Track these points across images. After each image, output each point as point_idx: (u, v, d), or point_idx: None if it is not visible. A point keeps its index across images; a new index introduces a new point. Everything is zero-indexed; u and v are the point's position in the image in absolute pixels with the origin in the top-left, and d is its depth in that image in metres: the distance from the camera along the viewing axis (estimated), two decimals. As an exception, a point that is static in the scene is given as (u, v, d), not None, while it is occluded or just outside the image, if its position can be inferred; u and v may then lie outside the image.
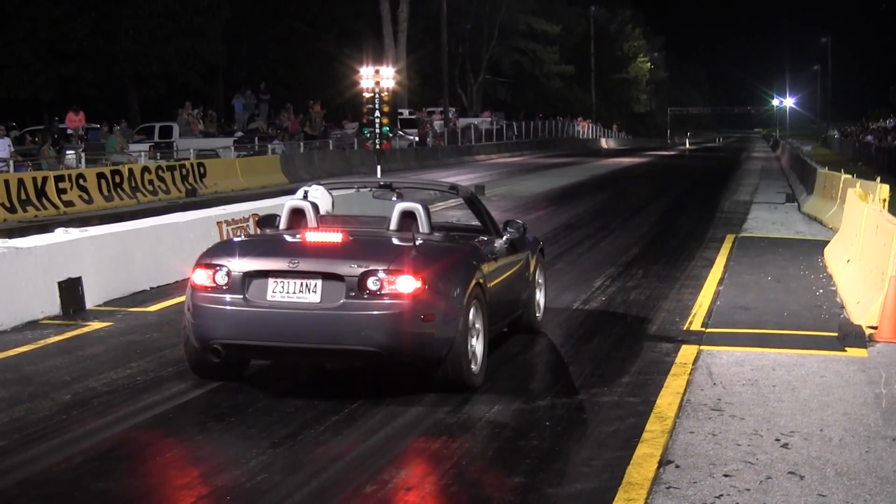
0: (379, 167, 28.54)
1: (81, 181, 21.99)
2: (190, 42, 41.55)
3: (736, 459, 5.49)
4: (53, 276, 9.50)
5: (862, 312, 8.80)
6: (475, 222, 8.60)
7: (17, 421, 6.27)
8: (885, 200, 13.07)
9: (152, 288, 10.82)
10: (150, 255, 11.01)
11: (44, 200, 20.77)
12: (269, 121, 38.64)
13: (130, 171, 23.81)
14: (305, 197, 7.93)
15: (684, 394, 6.75)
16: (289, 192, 19.98)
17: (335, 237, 6.74)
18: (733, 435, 5.90)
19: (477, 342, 6.89)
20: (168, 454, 5.70)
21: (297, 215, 7.43)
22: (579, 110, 78.00)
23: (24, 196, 20.28)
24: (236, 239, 7.58)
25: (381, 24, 49.16)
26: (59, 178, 21.41)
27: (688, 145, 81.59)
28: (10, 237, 11.27)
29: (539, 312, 8.78)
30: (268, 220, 7.69)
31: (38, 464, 5.54)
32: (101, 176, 22.72)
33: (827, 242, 13.80)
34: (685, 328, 8.97)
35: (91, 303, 9.87)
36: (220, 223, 12.52)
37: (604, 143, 75.27)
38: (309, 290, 6.44)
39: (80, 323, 9.18)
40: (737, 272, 12.12)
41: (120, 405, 6.58)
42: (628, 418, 6.24)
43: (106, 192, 22.57)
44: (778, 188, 27.10)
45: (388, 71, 29.11)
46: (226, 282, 6.57)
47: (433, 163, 40.24)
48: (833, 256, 12.36)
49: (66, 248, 9.85)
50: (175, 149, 30.83)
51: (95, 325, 9.13)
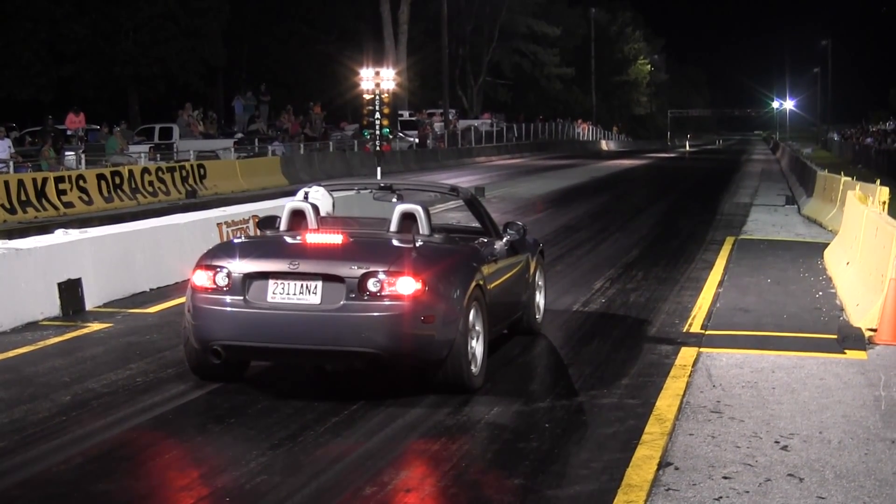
0: (379, 169, 28.56)
1: (81, 182, 22.00)
2: (190, 43, 41.60)
3: (735, 461, 5.49)
4: (53, 278, 9.51)
5: (861, 315, 8.80)
6: (475, 224, 8.61)
7: (16, 422, 6.28)
8: (884, 203, 13.06)
9: (152, 289, 10.83)
10: (150, 256, 11.01)
11: (44, 202, 20.78)
12: (269, 122, 38.65)
13: (130, 172, 23.83)
14: (306, 198, 7.90)
15: (684, 396, 6.76)
16: (289, 193, 20.00)
17: (335, 239, 6.75)
18: (733, 437, 5.90)
19: (477, 344, 6.90)
20: (168, 455, 5.71)
21: (297, 217, 7.43)
22: (579, 112, 78.01)
23: (24, 197, 20.29)
24: (236, 240, 7.58)
25: (382, 26, 49.18)
26: (59, 180, 21.42)
27: (688, 147, 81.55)
28: (9, 238, 11.26)
29: (539, 314, 8.79)
30: (268, 222, 7.69)
31: (38, 465, 5.55)
32: (101, 177, 22.72)
33: (827, 245, 13.81)
34: (685, 330, 8.97)
35: (91, 304, 9.87)
36: (219, 225, 12.52)
37: (604, 145, 75.26)
38: (309, 291, 6.46)
39: (80, 324, 9.19)
40: (736, 274, 12.12)
41: (119, 406, 6.59)
42: (628, 420, 6.24)
43: (106, 194, 22.58)
44: (778, 190, 27.11)
45: (389, 72, 29.15)
46: (226, 283, 6.59)
47: (433, 164, 40.24)
48: (833, 259, 12.36)
49: (66, 249, 9.86)
50: (175, 150, 30.86)
51: (95, 326, 9.13)
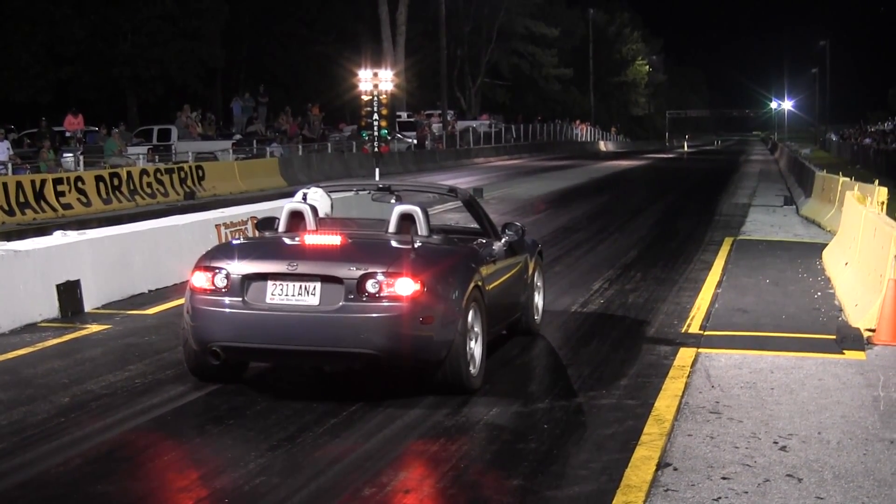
0: (377, 170, 28.56)
1: (80, 184, 22.01)
2: (188, 45, 41.61)
3: (734, 462, 5.49)
4: (52, 279, 9.50)
5: (860, 315, 8.81)
6: (474, 225, 8.61)
7: (15, 423, 6.27)
8: (883, 203, 13.09)
9: (150, 291, 10.82)
10: (149, 257, 11.01)
11: (42, 203, 20.78)
12: (267, 124, 38.64)
13: (129, 173, 23.83)
14: (304, 200, 7.86)
15: (682, 396, 6.76)
16: (287, 195, 19.98)
17: (334, 240, 6.76)
18: (731, 438, 5.90)
19: (476, 344, 6.89)
20: (166, 457, 5.70)
21: (296, 218, 7.43)
22: (578, 113, 78.01)
23: (22, 199, 20.29)
24: (235, 241, 7.61)
25: (380, 27, 49.19)
26: (57, 181, 21.43)
27: (686, 148, 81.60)
28: (8, 240, 11.26)
29: (538, 315, 8.80)
30: (267, 223, 7.69)
31: (37, 466, 5.54)
32: (99, 179, 22.73)
33: (825, 245, 13.81)
34: (683, 331, 8.97)
35: (89, 305, 9.87)
36: (218, 226, 12.52)
37: (602, 145, 75.28)
38: (308, 292, 6.45)
39: (79, 326, 9.18)
40: (735, 275, 12.12)
41: (118, 408, 6.59)
42: (626, 421, 6.24)
43: (104, 195, 22.58)
44: (776, 191, 27.11)
45: (387, 73, 29.15)
46: (225, 284, 6.59)
47: (431, 166, 40.25)
48: (831, 259, 12.37)
49: (65, 250, 9.85)
50: (173, 151, 30.86)
51: (94, 327, 9.13)
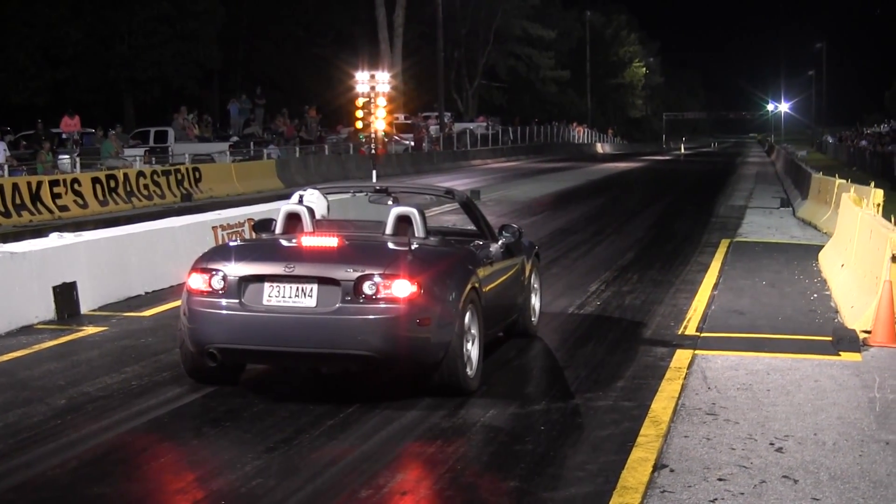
0: (374, 172, 28.57)
1: (76, 186, 21.99)
2: (185, 46, 41.58)
3: (730, 464, 5.50)
4: (48, 281, 9.49)
5: (856, 317, 8.82)
6: (470, 227, 8.62)
7: (11, 426, 6.26)
8: (879, 205, 13.09)
9: (147, 293, 10.82)
10: (145, 259, 11.00)
11: (39, 205, 20.76)
12: (264, 125, 38.63)
13: (125, 175, 23.82)
14: (301, 201, 7.89)
15: (679, 398, 6.77)
16: (284, 196, 19.96)
17: (331, 242, 6.76)
18: (728, 439, 5.91)
19: (472, 346, 6.90)
20: (163, 459, 5.70)
21: (292, 220, 7.43)
22: (575, 115, 78.04)
23: (18, 201, 20.27)
24: (232, 243, 7.57)
25: (377, 30, 49.20)
26: (54, 183, 21.40)
27: (683, 150, 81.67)
28: (4, 242, 11.23)
29: (535, 316, 8.82)
30: (263, 225, 7.70)
31: (33, 468, 5.54)
32: (96, 181, 22.72)
33: (821, 247, 13.82)
34: (680, 333, 8.98)
35: (86, 307, 9.86)
36: (215, 228, 12.51)
37: (599, 147, 75.30)
38: (305, 294, 6.46)
39: (75, 328, 9.17)
40: (731, 277, 12.14)
41: (115, 410, 6.58)
42: (623, 422, 6.25)
43: (101, 197, 22.57)
44: (773, 193, 27.13)
45: (384, 76, 29.18)
46: (222, 286, 6.58)
47: (429, 168, 40.24)
48: (827, 261, 12.38)
49: (61, 252, 9.85)
50: (170, 153, 30.85)
51: (90, 329, 9.12)
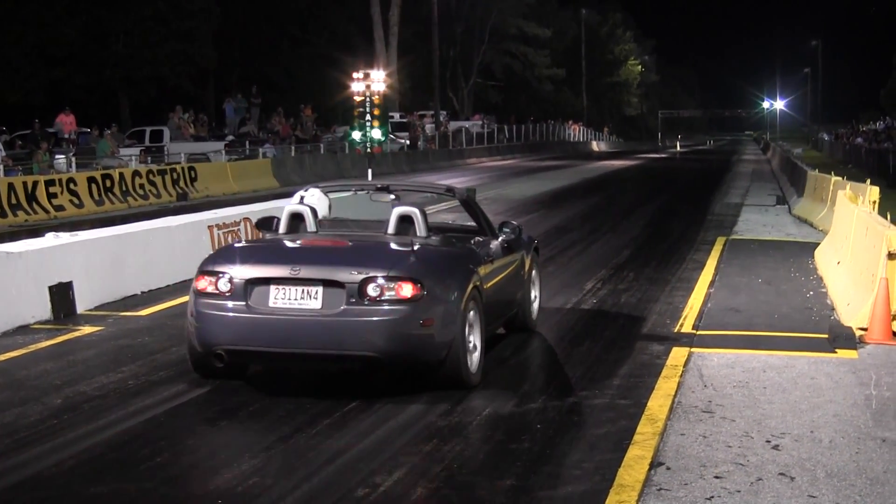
0: (370, 171, 28.56)
1: (72, 185, 21.95)
2: (181, 46, 41.55)
3: (727, 461, 5.50)
4: (44, 281, 9.48)
5: (852, 314, 8.83)
6: (470, 223, 8.73)
7: (8, 425, 6.26)
8: (874, 202, 13.09)
9: (143, 292, 10.81)
10: (141, 259, 10.99)
11: (34, 205, 20.71)
12: (260, 125, 38.60)
13: (121, 175, 23.77)
14: (302, 201, 8.02)
15: (675, 396, 6.77)
16: (280, 195, 19.96)
17: (335, 244, 6.97)
18: (724, 437, 5.91)
19: (475, 342, 7.02)
20: (159, 458, 5.69)
21: (296, 220, 7.60)
22: (570, 113, 78.08)
23: (14, 200, 20.22)
24: (237, 245, 7.63)
25: (373, 28, 49.18)
26: (49, 183, 21.36)
27: (679, 148, 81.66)
28: (0, 242, 11.22)
29: (534, 311, 8.94)
30: (266, 223, 7.86)
31: (30, 468, 5.53)
32: (91, 180, 22.68)
33: (817, 244, 13.84)
34: (676, 330, 8.98)
35: (82, 307, 9.85)
36: (211, 227, 12.50)
37: (595, 146, 75.35)
38: (310, 296, 6.57)
39: (71, 327, 9.16)
40: (728, 274, 12.14)
41: (111, 409, 6.58)
42: (619, 420, 6.25)
43: (97, 197, 22.54)
44: (769, 191, 27.16)
45: (379, 74, 29.19)
46: (228, 288, 6.68)
47: (424, 166, 40.23)
48: (823, 258, 12.40)
49: (57, 252, 9.83)
50: (166, 153, 30.82)
51: (86, 329, 9.11)
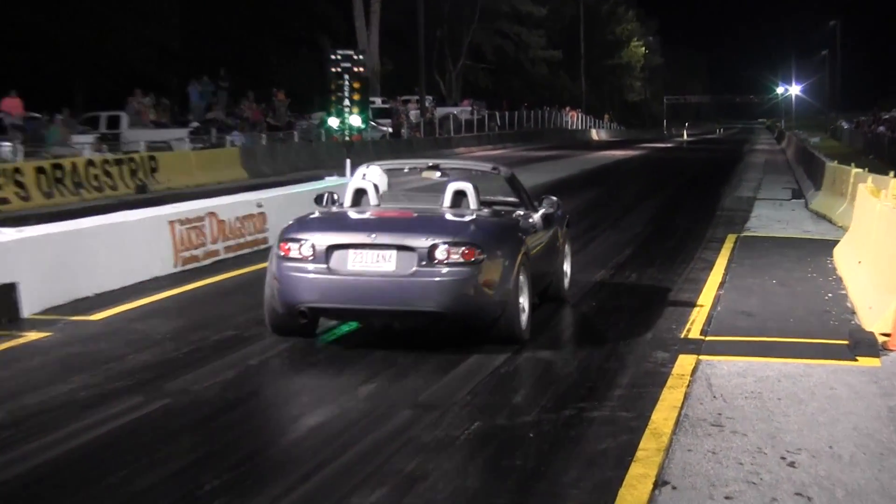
0: (349, 161, 28.45)
1: (18, 176, 21.86)
2: (142, 25, 41.41)
3: (738, 479, 5.49)
4: (-14, 282, 9.41)
5: (874, 318, 8.84)
6: (511, 198, 10.07)
7: (-57, 442, 6.18)
8: (898, 196, 13.13)
9: (96, 294, 10.74)
10: (95, 258, 10.93)
11: (-24, 198, 20.62)
12: (228, 110, 38.50)
13: (73, 164, 23.69)
14: (364, 178, 9.66)
15: (682, 408, 6.77)
16: (250, 188, 19.88)
17: (403, 214, 8.79)
18: (735, 453, 5.91)
19: (524, 303, 8.50)
20: (111, 478, 5.61)
21: (359, 194, 9.29)
22: (568, 99, 78.38)
23: (-46, 193, 20.13)
24: (313, 216, 9.04)
25: (352, 6, 49.14)
26: (-8, 173, 21.27)
27: (685, 137, 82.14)
28: (-62, 238, 11.13)
29: (566, 281, 10.51)
30: (321, 198, 9.52)
31: (-33, 489, 5.46)
32: (40, 170, 22.59)
33: (837, 242, 13.89)
34: (683, 336, 8.99)
35: (28, 311, 9.77)
36: (172, 223, 12.44)
37: (594, 134, 75.64)
38: (385, 260, 8.13)
39: (16, 333, 9.09)
40: (739, 275, 12.17)
41: (60, 424, 6.50)
42: (621, 435, 6.24)
43: (46, 188, 22.45)
44: (783, 183, 27.27)
45: (359, 56, 29.08)
46: (311, 253, 8.25)
47: (408, 156, 40.18)
48: (843, 257, 12.43)
49: (0, 250, 9.75)
50: (123, 140, 30.67)
51: (32, 335, 9.05)
